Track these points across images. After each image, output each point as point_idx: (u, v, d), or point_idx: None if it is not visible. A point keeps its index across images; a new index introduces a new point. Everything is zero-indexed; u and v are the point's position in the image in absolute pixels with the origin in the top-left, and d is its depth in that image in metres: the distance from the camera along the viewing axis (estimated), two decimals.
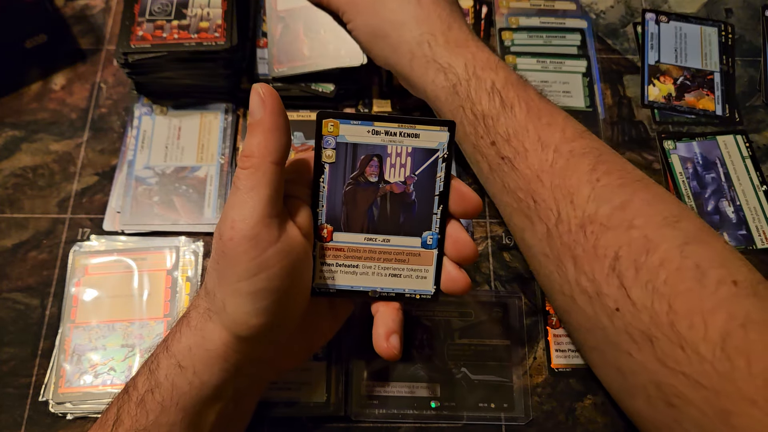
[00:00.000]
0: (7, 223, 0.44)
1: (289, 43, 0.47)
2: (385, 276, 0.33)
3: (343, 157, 0.32)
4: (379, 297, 0.33)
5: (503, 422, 0.39)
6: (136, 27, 0.45)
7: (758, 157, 0.48)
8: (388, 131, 0.31)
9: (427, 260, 0.33)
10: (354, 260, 0.33)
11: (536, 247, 0.35)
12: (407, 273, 0.33)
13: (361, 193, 0.32)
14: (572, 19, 0.54)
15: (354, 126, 0.31)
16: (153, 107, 0.48)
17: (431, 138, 0.31)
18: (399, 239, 0.33)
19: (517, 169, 0.34)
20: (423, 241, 0.33)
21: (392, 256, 0.33)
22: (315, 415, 0.39)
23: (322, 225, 0.32)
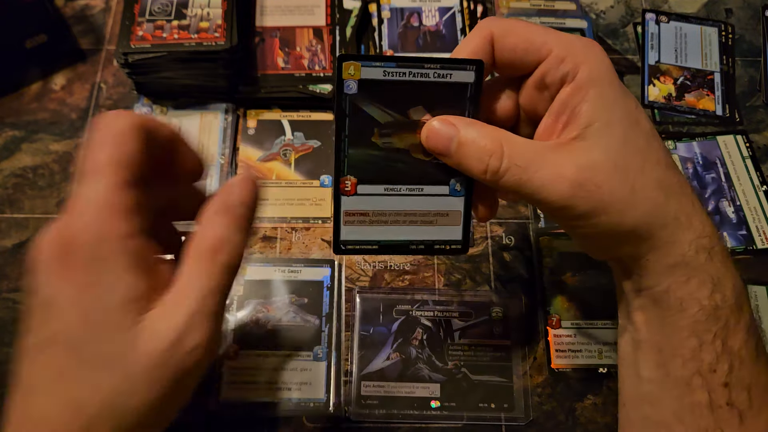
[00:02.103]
0: (7, 223, 0.44)
1: None
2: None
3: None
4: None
5: (503, 422, 0.39)
6: (136, 27, 0.45)
7: (758, 157, 0.48)
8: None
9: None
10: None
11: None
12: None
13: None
14: (572, 19, 0.54)
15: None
16: (153, 107, 0.48)
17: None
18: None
19: (744, 424, 0.29)
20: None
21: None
22: (315, 415, 0.39)
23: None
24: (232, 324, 0.41)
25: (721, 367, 0.29)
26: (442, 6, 0.53)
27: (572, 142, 0.29)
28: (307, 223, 0.45)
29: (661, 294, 0.30)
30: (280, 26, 0.51)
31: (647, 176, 0.29)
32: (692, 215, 0.29)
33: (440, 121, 0.30)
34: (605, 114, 0.29)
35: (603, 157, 0.28)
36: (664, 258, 0.29)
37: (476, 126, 0.30)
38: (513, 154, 0.28)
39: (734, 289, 0.29)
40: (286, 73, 0.48)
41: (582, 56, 0.29)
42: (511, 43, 0.30)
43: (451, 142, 0.29)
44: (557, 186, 0.28)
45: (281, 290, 0.42)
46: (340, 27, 0.51)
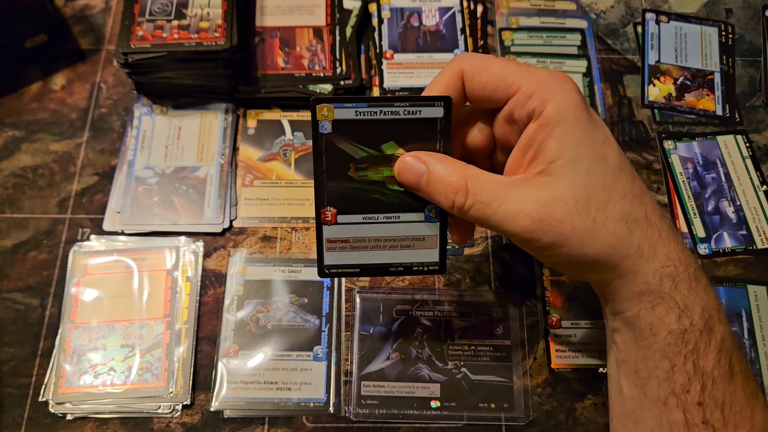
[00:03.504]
0: (7, 223, 0.44)
1: None
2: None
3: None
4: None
5: (503, 422, 0.39)
6: (136, 27, 0.45)
7: (758, 157, 0.48)
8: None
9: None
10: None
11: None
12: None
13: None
14: (572, 19, 0.54)
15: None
16: (153, 107, 0.48)
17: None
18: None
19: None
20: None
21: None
22: (315, 415, 0.39)
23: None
24: (232, 324, 0.41)
25: (694, 387, 0.30)
26: (442, 6, 0.53)
27: (537, 177, 0.30)
28: (307, 223, 0.45)
29: (632, 318, 0.31)
30: (280, 26, 0.51)
31: (610, 210, 0.30)
32: (657, 245, 0.30)
33: (412, 158, 0.32)
34: (570, 151, 0.30)
35: (565, 193, 0.29)
36: (629, 286, 0.31)
37: (445, 163, 0.31)
38: (477, 190, 0.30)
39: (703, 313, 0.30)
40: (286, 73, 0.49)
41: (550, 93, 0.30)
42: (482, 80, 0.32)
43: (421, 178, 0.31)
44: (519, 220, 0.29)
45: (281, 290, 0.42)
46: (340, 27, 0.51)
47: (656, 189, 0.47)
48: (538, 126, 0.30)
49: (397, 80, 0.50)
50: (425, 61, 0.51)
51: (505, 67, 0.31)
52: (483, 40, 0.53)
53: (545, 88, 0.30)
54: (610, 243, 0.30)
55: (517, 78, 0.31)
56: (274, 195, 0.46)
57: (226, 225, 0.44)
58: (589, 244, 0.30)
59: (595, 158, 0.30)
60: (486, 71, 0.31)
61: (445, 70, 0.32)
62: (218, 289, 0.43)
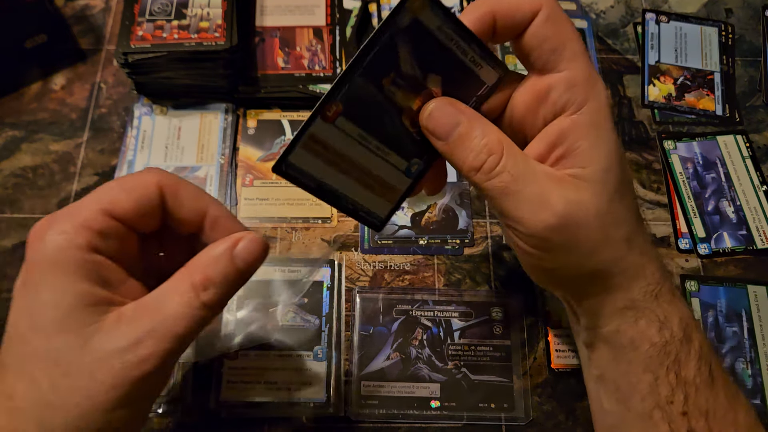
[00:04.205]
0: (7, 223, 0.44)
1: None
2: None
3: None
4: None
5: (503, 422, 0.39)
6: (136, 27, 0.45)
7: (758, 157, 0.48)
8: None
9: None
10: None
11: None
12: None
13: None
14: (572, 19, 0.54)
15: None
16: (153, 107, 0.48)
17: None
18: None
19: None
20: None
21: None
22: (315, 415, 0.39)
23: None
24: (232, 324, 0.41)
25: (678, 397, 0.30)
26: None
27: (568, 178, 0.29)
28: (306, 223, 0.45)
29: (610, 334, 0.31)
30: (280, 26, 0.51)
31: (621, 227, 0.29)
32: (646, 266, 0.30)
33: (450, 104, 0.29)
34: (604, 159, 0.28)
35: (592, 201, 0.28)
36: (614, 301, 0.31)
37: (482, 121, 0.29)
38: (510, 161, 0.28)
39: (680, 323, 0.30)
40: (286, 73, 0.49)
41: (593, 91, 0.28)
42: (550, 32, 0.28)
43: (454, 129, 0.29)
44: (540, 211, 0.28)
45: (281, 290, 0.42)
46: (340, 27, 0.51)
47: (656, 189, 0.47)
48: (573, 123, 0.28)
49: None
50: None
51: (574, 39, 0.28)
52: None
53: (592, 84, 0.28)
54: (612, 259, 0.29)
55: (575, 57, 0.28)
56: (274, 195, 0.46)
57: None
58: (596, 255, 0.29)
59: (622, 171, 0.29)
60: (559, 26, 0.28)
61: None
62: None
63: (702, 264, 0.45)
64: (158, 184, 0.28)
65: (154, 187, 0.27)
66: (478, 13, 0.28)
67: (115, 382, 0.24)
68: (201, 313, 0.26)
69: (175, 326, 0.25)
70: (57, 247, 0.25)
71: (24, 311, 0.26)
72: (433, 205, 0.46)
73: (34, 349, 0.25)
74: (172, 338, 0.25)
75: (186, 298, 0.26)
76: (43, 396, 0.24)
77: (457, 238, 0.45)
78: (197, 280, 0.26)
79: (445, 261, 0.44)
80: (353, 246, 0.44)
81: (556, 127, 0.28)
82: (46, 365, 0.24)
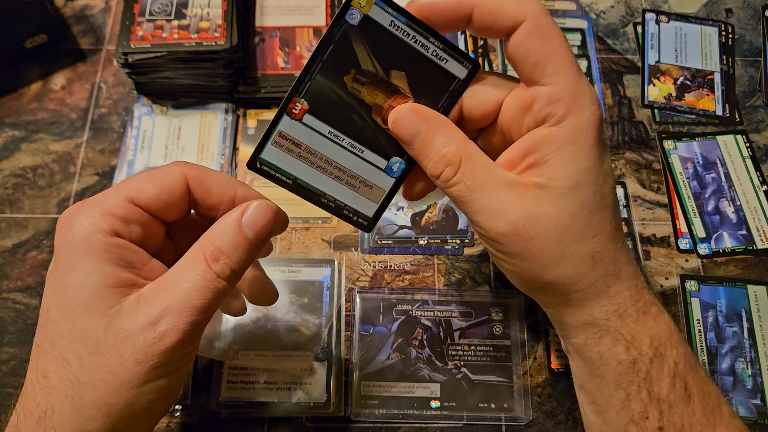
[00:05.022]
0: (7, 223, 0.44)
1: None
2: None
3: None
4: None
5: (503, 422, 0.39)
6: (136, 27, 0.45)
7: (758, 157, 0.48)
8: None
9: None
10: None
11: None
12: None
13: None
14: (572, 19, 0.54)
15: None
16: (153, 107, 0.48)
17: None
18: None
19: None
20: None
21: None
22: (315, 415, 0.39)
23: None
24: (232, 324, 0.41)
25: (652, 413, 0.30)
26: None
27: (530, 187, 0.29)
28: (307, 223, 0.45)
29: (580, 346, 0.31)
30: (280, 26, 0.51)
31: (584, 245, 0.29)
32: (612, 284, 0.30)
33: (413, 112, 0.29)
34: (573, 175, 0.28)
35: (550, 213, 0.28)
36: (574, 315, 0.30)
37: (446, 129, 0.29)
38: (467, 172, 0.28)
39: (652, 343, 0.30)
40: (286, 73, 0.49)
41: (577, 107, 0.28)
42: (534, 46, 0.28)
43: (416, 137, 0.29)
44: (494, 220, 0.28)
45: (281, 290, 0.42)
46: None
47: (656, 189, 0.47)
48: (550, 136, 0.28)
49: None
50: None
51: (560, 52, 0.28)
52: (483, 40, 0.53)
53: (577, 100, 0.28)
54: (570, 274, 0.29)
55: (560, 72, 0.28)
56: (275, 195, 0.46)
57: None
58: (551, 269, 0.29)
59: (593, 190, 0.29)
60: (543, 40, 0.28)
61: (512, 3, 0.28)
62: None
63: (702, 264, 0.45)
64: (183, 174, 0.29)
65: (179, 176, 0.29)
66: (454, 2, 0.28)
67: (138, 357, 0.25)
68: (215, 284, 0.27)
69: (191, 300, 0.26)
70: (82, 232, 0.27)
71: (53, 295, 0.27)
72: (433, 205, 0.46)
73: (63, 330, 0.26)
74: (190, 312, 0.26)
75: (199, 271, 0.27)
76: (74, 374, 0.25)
77: (457, 238, 0.45)
78: (208, 252, 0.27)
79: (445, 261, 0.44)
80: (353, 246, 0.44)
81: (534, 136, 0.29)
82: (74, 345, 0.26)
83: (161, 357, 0.26)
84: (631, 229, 0.46)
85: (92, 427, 0.26)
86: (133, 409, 0.26)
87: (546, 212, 0.28)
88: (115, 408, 0.26)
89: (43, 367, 0.26)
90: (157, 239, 0.30)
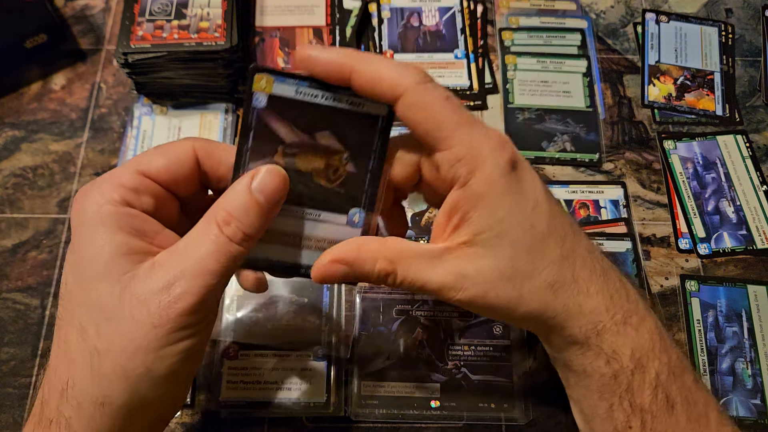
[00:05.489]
0: (7, 223, 0.44)
1: None
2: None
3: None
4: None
5: (503, 422, 0.39)
6: (136, 27, 0.45)
7: (758, 157, 0.48)
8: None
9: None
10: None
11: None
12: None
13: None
14: (572, 18, 0.54)
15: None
16: (153, 107, 0.48)
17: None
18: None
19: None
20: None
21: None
22: (315, 415, 0.39)
23: None
24: (232, 324, 0.41)
25: (635, 423, 0.30)
26: (442, 6, 0.53)
27: (461, 247, 0.29)
28: None
29: (566, 360, 0.32)
30: (280, 26, 0.51)
31: (536, 280, 0.29)
32: (584, 303, 0.30)
33: (329, 263, 0.29)
34: (496, 225, 0.29)
35: (490, 266, 0.29)
36: (556, 337, 0.31)
37: (367, 249, 0.30)
38: (403, 270, 0.29)
39: (633, 355, 0.30)
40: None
41: (480, 161, 0.28)
42: (417, 117, 0.28)
43: (346, 277, 0.30)
44: (447, 293, 0.29)
45: (281, 290, 0.42)
46: (340, 27, 0.51)
47: (656, 189, 0.47)
48: (463, 196, 0.29)
49: None
50: (425, 61, 0.51)
51: (445, 116, 0.28)
52: (483, 40, 0.53)
53: (475, 154, 0.28)
54: (536, 308, 0.30)
55: (451, 135, 0.28)
56: None
57: None
58: (515, 309, 0.30)
59: (522, 230, 0.29)
60: (425, 109, 0.28)
61: (389, 76, 0.28)
62: None
63: (702, 264, 0.45)
64: (192, 146, 0.29)
65: (188, 148, 0.29)
66: (336, 62, 0.28)
67: (154, 321, 0.26)
68: (228, 248, 0.27)
69: (205, 264, 0.27)
70: (94, 205, 0.27)
71: (70, 269, 0.28)
72: None
73: (80, 300, 0.27)
74: (204, 275, 0.26)
75: (211, 236, 0.27)
76: (92, 343, 0.26)
77: None
78: (220, 217, 0.27)
79: None
80: None
81: (450, 199, 0.29)
82: (91, 314, 0.26)
83: (178, 320, 0.26)
84: (631, 229, 0.46)
85: (113, 394, 0.26)
86: (153, 375, 0.26)
87: (485, 266, 0.29)
88: (134, 373, 0.26)
89: (64, 340, 0.27)
90: (170, 213, 0.30)
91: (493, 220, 0.29)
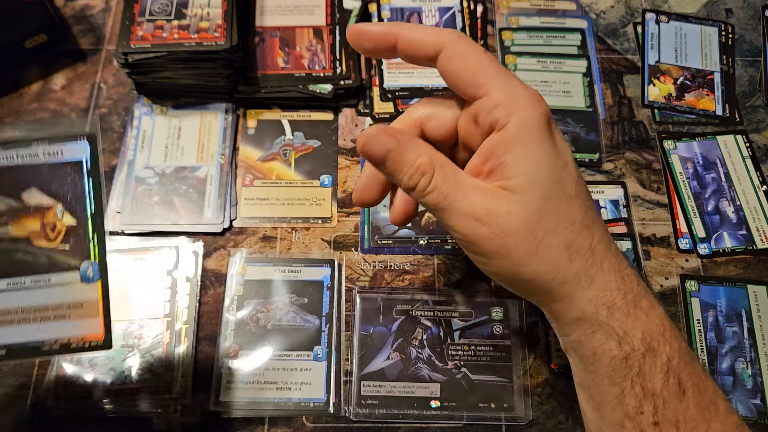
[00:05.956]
0: None
1: None
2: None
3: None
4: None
5: (503, 422, 0.39)
6: (136, 27, 0.45)
7: (758, 157, 0.48)
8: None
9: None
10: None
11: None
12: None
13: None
14: (572, 18, 0.54)
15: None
16: (153, 107, 0.48)
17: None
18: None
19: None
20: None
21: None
22: (315, 415, 0.39)
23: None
24: (232, 324, 0.41)
25: (647, 408, 0.30)
26: (442, 6, 0.53)
27: (497, 190, 0.30)
28: (307, 223, 0.45)
29: (575, 343, 0.32)
30: (280, 26, 0.51)
31: (556, 237, 0.30)
32: (596, 275, 0.30)
33: (383, 132, 0.31)
34: (528, 170, 0.30)
35: (518, 210, 0.30)
36: (566, 311, 0.31)
37: (416, 142, 0.31)
38: (440, 179, 0.30)
39: (644, 338, 0.30)
40: (286, 73, 0.49)
41: (518, 107, 0.29)
42: (456, 68, 0.30)
43: (388, 154, 0.30)
44: (467, 221, 0.30)
45: (281, 290, 0.42)
46: (340, 27, 0.51)
47: (656, 189, 0.47)
48: (499, 139, 0.30)
49: (397, 80, 0.50)
50: None
51: (484, 66, 0.30)
52: (483, 40, 0.53)
53: (513, 101, 0.30)
54: (548, 269, 0.30)
55: (489, 82, 0.30)
56: (274, 195, 0.46)
57: (226, 225, 0.44)
58: (528, 264, 0.30)
59: (553, 182, 0.30)
60: (464, 60, 0.30)
61: (430, 35, 0.31)
62: (218, 289, 0.43)
63: (702, 264, 0.45)
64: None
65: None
66: (382, 31, 0.31)
67: None
68: None
69: None
70: None
71: None
72: None
73: None
74: None
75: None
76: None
77: None
78: None
79: (445, 261, 0.44)
80: (353, 246, 0.44)
81: (487, 144, 0.30)
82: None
83: None
84: (631, 229, 0.46)
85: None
86: None
87: (514, 210, 0.29)
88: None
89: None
90: None
91: (527, 165, 0.29)
